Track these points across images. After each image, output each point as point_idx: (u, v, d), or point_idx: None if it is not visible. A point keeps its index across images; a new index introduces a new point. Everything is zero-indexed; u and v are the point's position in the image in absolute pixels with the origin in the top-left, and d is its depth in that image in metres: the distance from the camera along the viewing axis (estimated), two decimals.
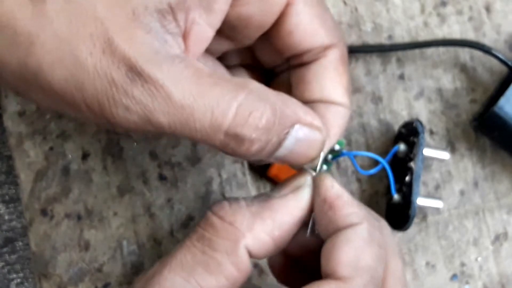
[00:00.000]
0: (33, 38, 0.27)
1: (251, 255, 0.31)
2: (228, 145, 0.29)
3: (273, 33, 0.33)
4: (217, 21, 0.30)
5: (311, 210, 0.32)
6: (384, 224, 0.33)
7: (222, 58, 0.36)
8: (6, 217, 0.41)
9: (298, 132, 0.30)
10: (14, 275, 0.41)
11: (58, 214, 0.40)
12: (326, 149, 0.33)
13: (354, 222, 0.30)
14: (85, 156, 0.40)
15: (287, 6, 0.32)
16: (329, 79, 0.34)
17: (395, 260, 0.32)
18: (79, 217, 0.40)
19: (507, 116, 0.38)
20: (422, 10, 0.41)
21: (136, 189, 0.40)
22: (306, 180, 0.32)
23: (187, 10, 0.29)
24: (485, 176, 0.41)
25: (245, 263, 0.31)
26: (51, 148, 0.40)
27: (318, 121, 0.31)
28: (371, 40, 0.41)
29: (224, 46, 0.34)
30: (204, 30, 0.30)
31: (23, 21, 0.27)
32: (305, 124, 0.30)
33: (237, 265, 0.30)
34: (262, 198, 0.32)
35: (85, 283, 0.40)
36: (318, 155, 0.32)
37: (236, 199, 0.32)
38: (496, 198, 0.41)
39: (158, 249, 0.40)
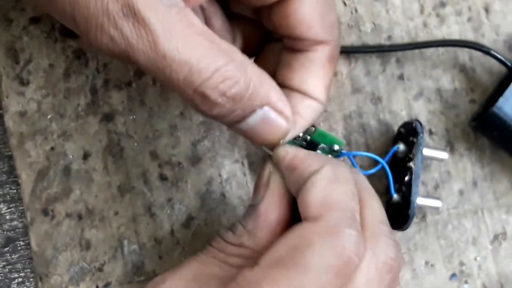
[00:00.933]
0: None
1: None
2: (193, 100, 0.30)
3: (273, 9, 0.34)
4: None
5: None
6: (355, 170, 0.34)
7: (227, 4, 0.36)
8: (7, 217, 0.41)
9: (265, 114, 0.31)
10: (15, 275, 0.41)
11: (59, 214, 0.40)
12: (288, 138, 0.33)
13: (316, 168, 0.31)
14: (86, 156, 0.40)
15: None
16: (313, 74, 0.34)
17: (371, 197, 0.32)
18: (80, 217, 0.40)
19: (506, 116, 0.38)
20: (422, 11, 0.41)
21: (137, 189, 0.40)
22: (269, 169, 0.33)
23: None
24: (484, 176, 0.41)
25: None
26: (52, 148, 0.40)
27: (289, 110, 0.32)
28: (371, 40, 0.41)
29: None
30: None
31: None
32: (275, 109, 0.31)
33: None
34: (250, 211, 0.32)
35: (86, 283, 0.40)
36: (278, 142, 0.33)
37: (233, 225, 0.33)
38: (495, 197, 0.41)
39: (159, 249, 0.40)
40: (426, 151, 0.39)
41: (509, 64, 0.39)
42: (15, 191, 0.41)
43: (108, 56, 0.30)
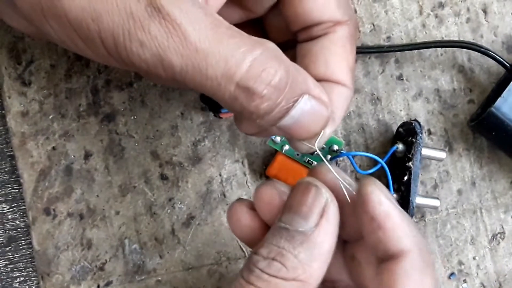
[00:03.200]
0: None
1: None
2: (238, 99, 0.28)
3: (285, 1, 0.33)
4: None
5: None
6: (423, 237, 0.32)
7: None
8: (9, 216, 0.41)
9: (306, 103, 0.29)
10: (17, 274, 0.41)
11: (61, 213, 0.40)
12: (329, 130, 0.32)
13: (407, 248, 0.29)
14: (87, 156, 0.41)
15: None
16: (336, 55, 0.33)
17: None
18: (81, 216, 0.40)
19: (504, 116, 0.38)
20: (420, 12, 0.41)
21: (138, 188, 0.41)
22: (326, 196, 0.30)
23: None
24: (482, 175, 0.42)
25: None
26: (53, 148, 0.40)
27: (326, 96, 0.30)
28: (370, 41, 0.41)
29: (237, 15, 0.34)
30: None
31: None
32: (314, 96, 0.29)
33: None
34: (298, 238, 0.29)
35: (87, 282, 0.40)
36: (320, 132, 0.31)
37: (279, 255, 0.29)
38: (493, 197, 0.42)
39: (160, 248, 0.41)
40: (425, 151, 0.39)
41: (507, 64, 0.39)
42: (17, 190, 0.41)
43: (141, 70, 0.28)
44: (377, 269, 0.30)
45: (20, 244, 0.41)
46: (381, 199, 0.29)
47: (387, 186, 0.39)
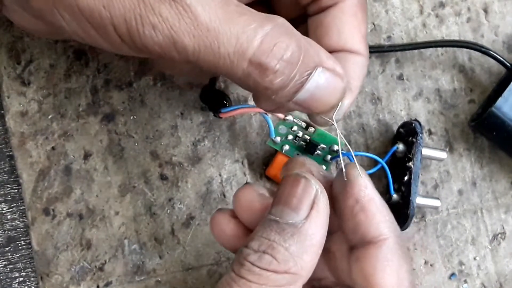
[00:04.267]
0: None
1: None
2: (251, 76, 0.28)
3: None
4: None
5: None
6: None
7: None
8: (9, 217, 0.41)
9: (320, 76, 0.29)
10: (17, 274, 0.41)
11: (60, 213, 0.40)
12: (347, 100, 0.31)
13: (386, 234, 0.29)
14: (86, 156, 0.40)
15: None
16: (348, 24, 0.33)
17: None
18: (80, 217, 0.40)
19: (505, 116, 0.38)
20: (421, 11, 0.41)
21: (137, 188, 0.41)
22: (315, 187, 0.30)
23: None
24: (483, 176, 0.42)
25: None
26: (53, 148, 0.40)
27: (340, 68, 0.30)
28: (371, 41, 0.41)
29: None
30: None
31: None
32: (328, 68, 0.29)
33: None
34: (289, 231, 0.29)
35: (87, 282, 0.40)
36: (337, 104, 0.30)
37: (270, 248, 0.29)
38: (494, 197, 0.42)
39: (159, 248, 0.41)
40: (426, 151, 0.39)
41: (508, 64, 0.39)
42: (16, 190, 0.41)
43: (154, 55, 0.28)
44: (351, 257, 0.30)
45: (19, 244, 0.41)
46: (367, 184, 0.30)
47: (387, 186, 0.39)
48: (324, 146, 0.39)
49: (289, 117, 0.38)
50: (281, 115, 0.36)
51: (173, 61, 0.29)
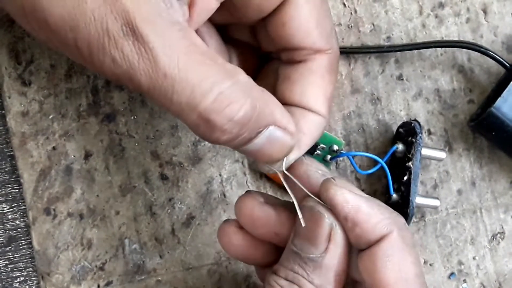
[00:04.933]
0: None
1: None
2: (199, 128, 0.29)
3: (270, 20, 0.33)
4: None
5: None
6: (400, 216, 0.32)
7: (225, 29, 0.36)
8: (10, 216, 0.41)
9: (271, 133, 0.30)
10: (17, 273, 0.41)
11: (61, 213, 0.40)
12: (292, 156, 0.32)
13: (384, 232, 0.30)
14: (87, 156, 0.41)
15: None
16: (313, 84, 0.33)
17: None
18: (81, 216, 0.40)
19: (504, 116, 0.38)
20: (420, 12, 0.41)
21: (138, 188, 0.41)
22: (329, 220, 0.31)
23: None
24: (482, 175, 0.42)
25: None
26: (53, 148, 0.40)
27: (293, 126, 0.31)
28: (370, 41, 0.41)
29: (225, 18, 0.34)
30: (209, 1, 0.30)
31: None
32: (280, 126, 0.30)
33: None
34: (311, 265, 0.31)
35: (87, 282, 0.40)
36: (282, 158, 0.32)
37: (297, 280, 0.31)
38: (493, 197, 0.42)
39: (160, 248, 0.41)
40: (425, 151, 0.39)
41: (507, 64, 0.39)
42: (17, 190, 0.41)
43: (112, 80, 0.29)
44: (359, 259, 0.31)
45: (20, 244, 0.41)
46: (346, 197, 0.30)
47: (387, 186, 0.39)
48: (324, 146, 0.39)
49: None
50: None
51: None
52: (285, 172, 0.32)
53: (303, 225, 0.31)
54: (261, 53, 0.37)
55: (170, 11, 0.28)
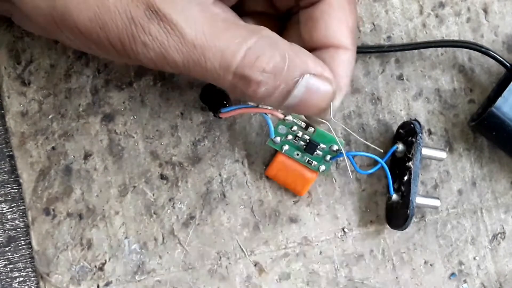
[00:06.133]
0: None
1: None
2: (237, 86, 0.30)
3: None
4: None
5: None
6: None
7: (237, 5, 0.36)
8: (9, 216, 0.41)
9: (308, 82, 0.31)
10: (17, 274, 0.41)
11: (60, 213, 0.40)
12: (337, 101, 0.33)
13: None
14: (86, 156, 0.41)
15: None
16: (335, 17, 0.34)
17: None
18: (81, 217, 0.40)
19: (504, 116, 0.38)
20: (421, 12, 0.41)
21: (138, 188, 0.41)
22: None
23: None
24: (483, 175, 0.42)
25: None
26: (53, 148, 0.40)
27: (328, 72, 0.32)
28: (370, 41, 0.41)
29: None
30: None
31: None
32: (315, 74, 0.31)
33: None
34: None
35: (87, 282, 0.40)
36: (328, 106, 0.32)
37: None
38: (494, 197, 0.42)
39: (160, 248, 0.41)
40: (425, 151, 0.39)
41: (508, 64, 0.39)
42: (16, 190, 0.41)
43: (151, 67, 0.31)
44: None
45: (19, 244, 0.41)
46: None
47: (387, 186, 0.39)
48: (324, 146, 0.39)
49: (289, 117, 0.38)
50: (280, 115, 0.36)
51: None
52: (334, 120, 0.33)
53: None
54: (280, 17, 0.38)
55: None
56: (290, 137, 0.39)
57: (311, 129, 0.39)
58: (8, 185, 0.41)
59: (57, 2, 0.29)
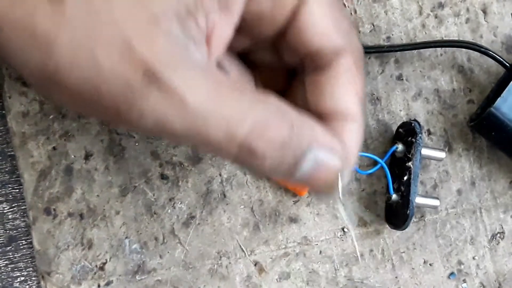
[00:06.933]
0: (52, 39, 0.26)
1: None
2: (242, 159, 0.28)
3: (286, 31, 0.32)
4: (235, 20, 0.30)
5: None
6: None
7: (246, 55, 0.35)
8: (10, 216, 0.41)
9: (315, 154, 0.29)
10: (18, 273, 0.41)
11: (61, 213, 0.40)
12: (346, 177, 0.31)
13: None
14: (87, 156, 0.41)
15: (299, 5, 0.31)
16: (342, 85, 0.33)
17: None
18: (81, 216, 0.40)
19: (504, 116, 0.38)
20: (420, 12, 0.41)
21: (138, 188, 0.41)
22: None
23: (207, 13, 0.28)
24: (482, 175, 0.42)
25: None
26: (54, 148, 0.41)
27: (337, 143, 0.30)
28: (370, 41, 0.41)
29: (244, 42, 0.33)
30: (225, 30, 0.29)
31: (42, 22, 0.26)
32: (323, 145, 0.29)
33: None
34: None
35: (88, 281, 0.40)
36: (336, 179, 0.30)
37: None
38: (493, 197, 0.42)
39: (160, 248, 0.41)
40: (425, 151, 0.39)
41: (507, 64, 0.39)
42: (17, 190, 0.41)
43: (148, 134, 0.28)
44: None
45: (20, 244, 0.41)
46: None
47: (387, 186, 0.40)
48: None
49: None
50: None
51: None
52: (341, 198, 0.31)
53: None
54: (286, 70, 0.36)
55: (188, 53, 0.27)
56: None
57: None
58: (9, 185, 0.41)
59: (47, 61, 0.26)
